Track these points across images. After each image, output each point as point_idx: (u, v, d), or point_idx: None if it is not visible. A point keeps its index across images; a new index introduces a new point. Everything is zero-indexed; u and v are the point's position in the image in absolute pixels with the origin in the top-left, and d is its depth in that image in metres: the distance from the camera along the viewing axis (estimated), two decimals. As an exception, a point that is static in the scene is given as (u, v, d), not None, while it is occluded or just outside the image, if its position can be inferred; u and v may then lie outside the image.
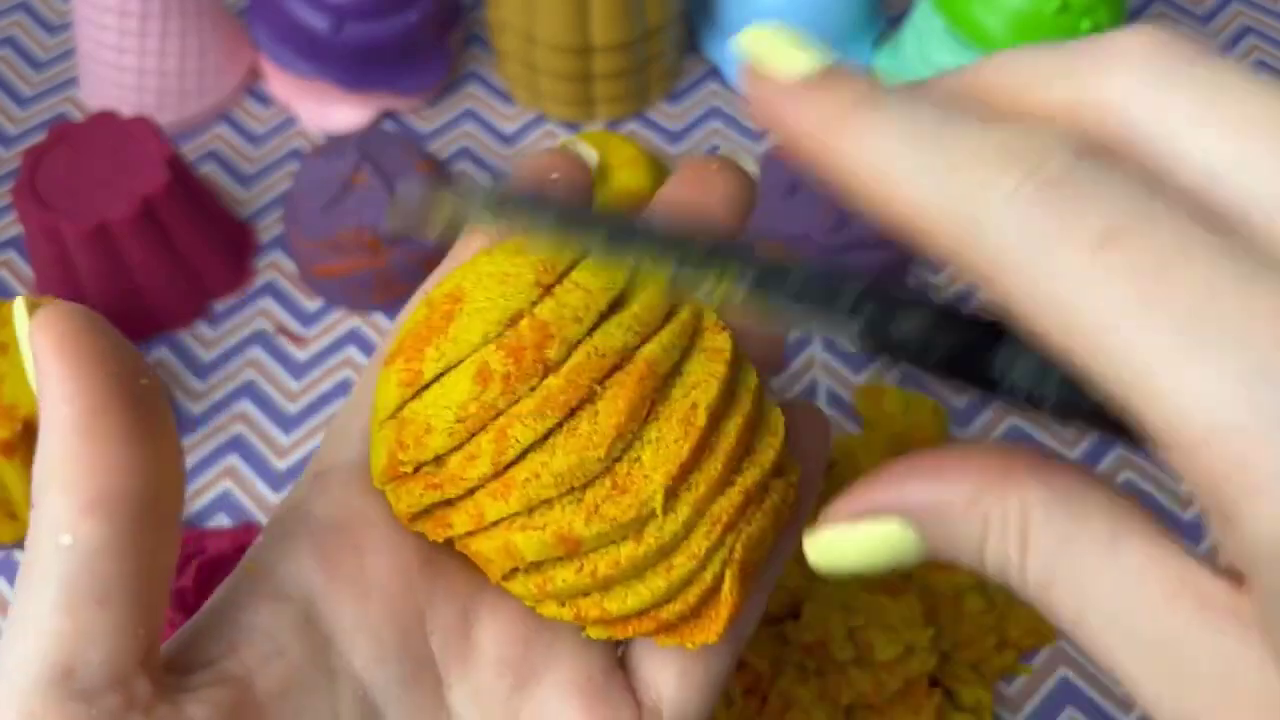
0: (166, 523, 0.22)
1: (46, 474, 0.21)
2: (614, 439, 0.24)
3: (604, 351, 0.24)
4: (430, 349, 0.24)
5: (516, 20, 0.56)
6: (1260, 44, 0.64)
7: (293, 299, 0.54)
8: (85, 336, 0.21)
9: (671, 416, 0.24)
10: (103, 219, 0.48)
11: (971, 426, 0.50)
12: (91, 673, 0.20)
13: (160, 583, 0.22)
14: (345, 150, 0.51)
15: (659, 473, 0.24)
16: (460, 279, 0.25)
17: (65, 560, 0.20)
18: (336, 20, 0.55)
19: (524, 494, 0.24)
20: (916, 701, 0.38)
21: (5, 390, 0.43)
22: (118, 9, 0.55)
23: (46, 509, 0.21)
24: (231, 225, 0.54)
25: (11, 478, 0.44)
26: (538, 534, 0.24)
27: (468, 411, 0.24)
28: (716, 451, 0.25)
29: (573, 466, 0.24)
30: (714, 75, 0.62)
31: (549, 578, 0.24)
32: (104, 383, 0.21)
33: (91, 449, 0.20)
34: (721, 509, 0.25)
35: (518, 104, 0.60)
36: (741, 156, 0.29)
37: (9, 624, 0.21)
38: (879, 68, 0.61)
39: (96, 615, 0.20)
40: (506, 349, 0.24)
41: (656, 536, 0.24)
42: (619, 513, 0.24)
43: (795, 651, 0.39)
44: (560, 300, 0.25)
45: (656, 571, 0.24)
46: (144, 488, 0.21)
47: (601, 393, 0.24)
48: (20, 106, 0.61)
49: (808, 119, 0.18)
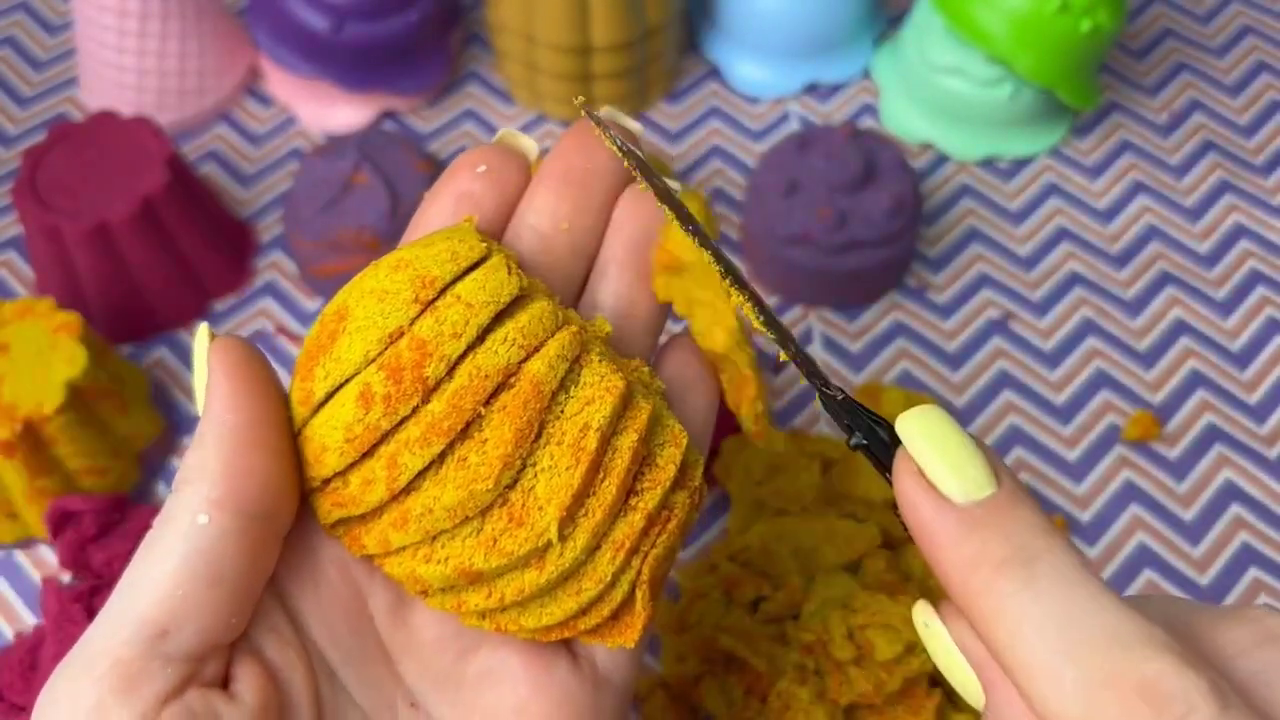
0: (278, 536, 0.25)
1: (195, 468, 0.24)
2: (501, 469, 0.24)
3: (487, 371, 0.24)
4: (319, 368, 0.25)
5: (516, 20, 0.56)
6: (1260, 44, 0.64)
7: (293, 299, 0.54)
8: (255, 365, 0.25)
9: (564, 440, 0.24)
10: (103, 219, 0.48)
11: (971, 426, 0.50)
12: (183, 640, 0.23)
13: (260, 584, 0.24)
14: (345, 150, 0.51)
15: (552, 504, 0.24)
16: (346, 296, 0.25)
17: (193, 538, 0.23)
18: (336, 20, 0.55)
19: (420, 526, 0.24)
20: (916, 702, 0.38)
21: (5, 390, 0.43)
22: (118, 9, 0.55)
23: (188, 495, 0.23)
24: (231, 225, 0.54)
25: (11, 478, 0.44)
26: (440, 567, 0.24)
27: (354, 433, 0.24)
28: (611, 473, 0.25)
29: (463, 500, 0.24)
30: (714, 75, 0.62)
31: (461, 600, 0.25)
32: (263, 404, 0.24)
33: (241, 454, 0.24)
34: (623, 534, 0.25)
35: (518, 104, 0.60)
36: (623, 117, 0.29)
37: (123, 580, 0.23)
38: (879, 68, 0.61)
39: (206, 592, 0.23)
40: (387, 369, 0.24)
41: (557, 564, 0.24)
42: (515, 546, 0.24)
43: (795, 651, 0.39)
44: (440, 316, 0.24)
45: (566, 592, 0.25)
46: (272, 499, 0.24)
47: (487, 416, 0.24)
48: (20, 106, 0.61)
49: (956, 557, 0.21)
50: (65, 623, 0.40)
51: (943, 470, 0.21)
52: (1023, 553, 0.20)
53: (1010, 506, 0.21)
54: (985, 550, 0.20)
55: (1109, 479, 0.49)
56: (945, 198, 0.57)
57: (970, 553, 0.20)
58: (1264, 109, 0.61)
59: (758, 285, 0.54)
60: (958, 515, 0.21)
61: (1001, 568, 0.20)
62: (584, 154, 0.28)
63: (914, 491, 0.21)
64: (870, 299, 0.54)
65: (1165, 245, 0.56)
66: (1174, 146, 0.59)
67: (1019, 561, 0.20)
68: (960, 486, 0.21)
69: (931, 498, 0.21)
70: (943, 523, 0.21)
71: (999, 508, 0.21)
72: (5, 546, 0.47)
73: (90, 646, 0.22)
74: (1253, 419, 0.50)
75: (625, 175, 0.28)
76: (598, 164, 0.28)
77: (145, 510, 0.45)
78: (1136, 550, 0.47)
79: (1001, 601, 0.20)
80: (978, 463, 0.21)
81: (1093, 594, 0.20)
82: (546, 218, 0.27)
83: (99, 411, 0.45)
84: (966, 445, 0.22)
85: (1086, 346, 0.52)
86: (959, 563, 0.21)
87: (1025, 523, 0.21)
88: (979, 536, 0.20)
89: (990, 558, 0.20)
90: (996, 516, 0.21)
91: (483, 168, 0.28)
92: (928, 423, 0.22)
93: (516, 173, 0.28)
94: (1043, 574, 0.20)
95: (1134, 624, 0.19)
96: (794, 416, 0.50)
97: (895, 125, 0.59)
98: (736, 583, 0.42)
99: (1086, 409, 0.50)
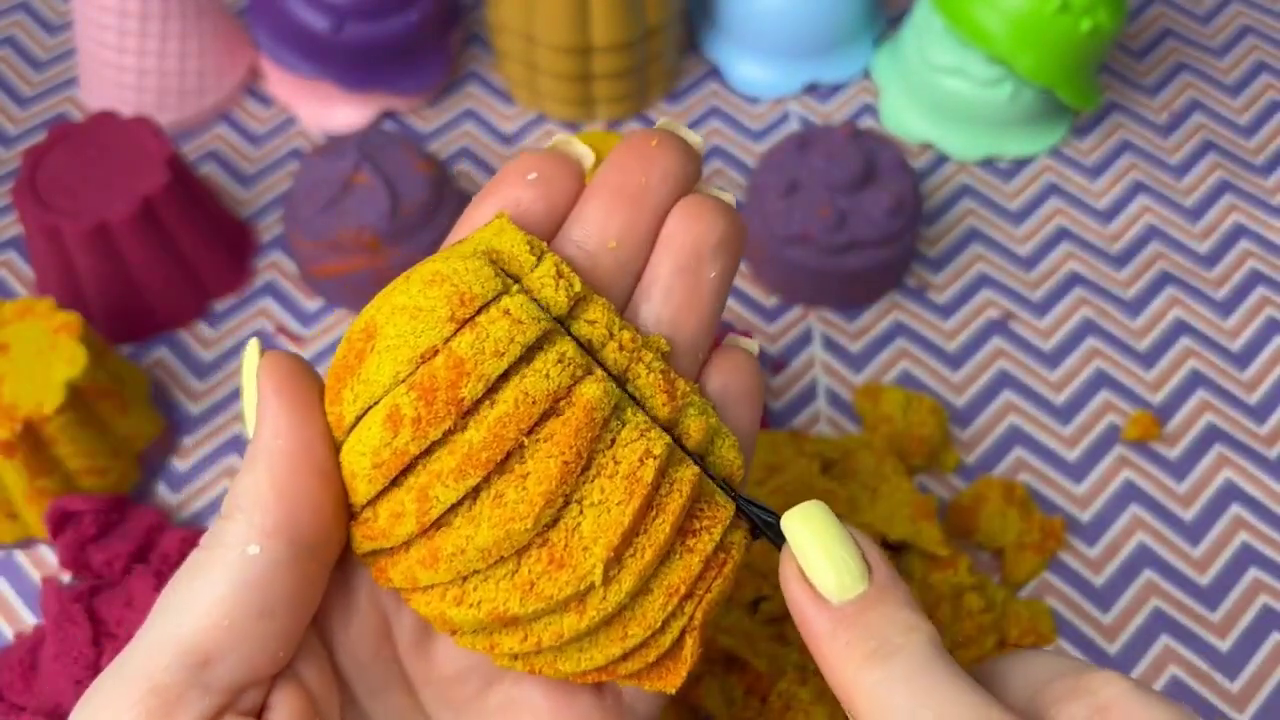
0: (328, 566, 0.24)
1: (246, 493, 0.23)
2: (542, 508, 0.22)
3: (535, 396, 0.22)
4: (346, 390, 0.23)
5: (516, 20, 0.56)
6: (1260, 44, 0.64)
7: (293, 299, 0.54)
8: (305, 385, 0.24)
9: (617, 471, 0.22)
10: (103, 219, 0.48)
11: (971, 426, 0.50)
12: (225, 671, 0.22)
13: (308, 615, 0.24)
14: (345, 150, 0.51)
15: (599, 545, 0.22)
16: (374, 312, 0.24)
17: (244, 568, 0.22)
18: (336, 20, 0.55)
19: (451, 566, 0.22)
20: (916, 701, 0.38)
21: (5, 390, 0.43)
22: (118, 9, 0.55)
23: (240, 522, 0.23)
24: (231, 225, 0.54)
25: (11, 478, 0.44)
26: (472, 611, 0.23)
27: (381, 458, 0.22)
28: (665, 510, 0.23)
29: (498, 540, 0.22)
30: (714, 75, 0.62)
31: (494, 642, 0.24)
32: (313, 427, 0.24)
33: (294, 481, 0.23)
34: (679, 579, 0.23)
35: (518, 104, 0.60)
36: (683, 128, 0.27)
37: (165, 601, 0.23)
38: (879, 68, 0.61)
39: (254, 624, 0.22)
40: (418, 389, 0.22)
41: (599, 608, 0.23)
42: (555, 590, 0.22)
43: (795, 651, 0.39)
44: (482, 331, 0.22)
45: (610, 637, 0.23)
46: (325, 529, 0.23)
47: (531, 447, 0.22)
48: (20, 106, 0.61)
49: (829, 652, 0.22)
50: (65, 623, 0.40)
51: (821, 568, 0.23)
52: (885, 647, 0.22)
53: (877, 603, 0.23)
54: (852, 647, 0.22)
55: (1109, 479, 0.49)
56: (945, 198, 0.57)
57: (840, 648, 0.22)
58: (1264, 109, 0.61)
59: (758, 285, 0.54)
60: (830, 614, 0.23)
61: (867, 661, 0.22)
62: (641, 165, 0.26)
63: (796, 590, 0.23)
64: (870, 299, 0.54)
65: (1165, 245, 0.56)
66: (1174, 146, 0.59)
67: (880, 656, 0.22)
68: (836, 584, 0.23)
69: (810, 597, 0.23)
70: (819, 621, 0.23)
71: (868, 605, 0.23)
72: (5, 546, 0.47)
73: (128, 669, 0.22)
74: (1253, 419, 0.50)
75: (682, 186, 0.26)
76: (654, 177, 0.26)
77: (145, 510, 0.45)
78: (1136, 550, 0.47)
79: (869, 692, 0.22)
80: (852, 562, 0.23)
81: (943, 680, 0.21)
82: (595, 234, 0.25)
83: (99, 411, 0.45)
84: (843, 543, 0.23)
85: (1086, 346, 0.52)
86: (832, 657, 0.22)
87: (889, 619, 0.22)
88: (848, 635, 0.22)
89: (858, 653, 0.22)
90: (865, 614, 0.22)
91: (533, 175, 0.26)
92: (808, 521, 0.23)
93: (569, 181, 0.26)
94: (900, 665, 0.22)
95: (975, 704, 0.21)
96: (794, 416, 0.50)
97: (895, 125, 0.59)
98: (736, 583, 0.42)
99: (1086, 409, 0.50)
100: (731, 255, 0.26)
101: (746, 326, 0.53)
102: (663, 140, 0.26)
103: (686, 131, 0.27)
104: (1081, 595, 0.46)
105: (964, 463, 0.49)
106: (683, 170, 0.26)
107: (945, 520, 0.47)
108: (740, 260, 0.27)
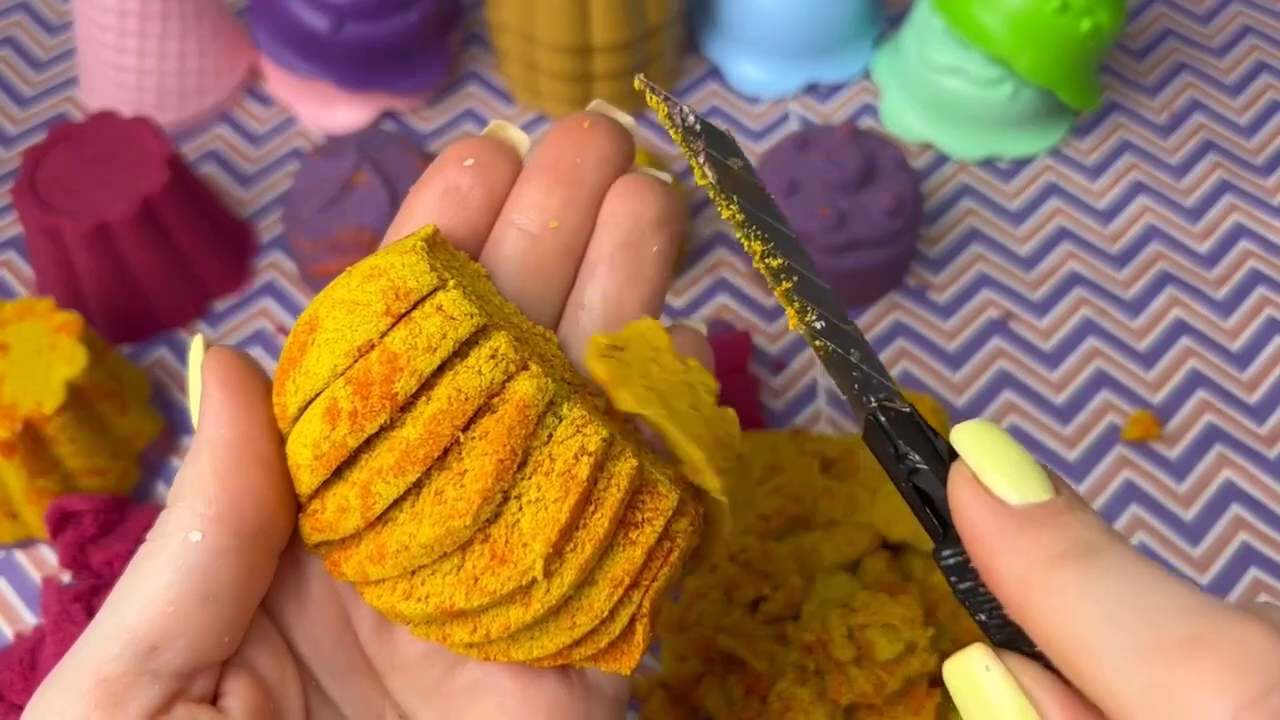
0: (273, 553, 0.24)
1: (189, 482, 0.23)
2: (480, 505, 0.22)
3: (468, 393, 0.22)
4: (289, 382, 0.23)
5: (516, 20, 0.56)
6: (1260, 44, 0.64)
7: (293, 299, 0.54)
8: (248, 378, 0.24)
9: (552, 469, 0.22)
10: (103, 219, 0.48)
11: (971, 426, 0.50)
12: (172, 657, 0.22)
13: (253, 602, 0.24)
14: (345, 150, 0.51)
15: (538, 541, 0.22)
16: (317, 306, 0.24)
17: (188, 555, 0.23)
18: (336, 20, 0.55)
19: (397, 562, 0.23)
20: (916, 701, 0.38)
21: (5, 390, 0.43)
22: (118, 9, 0.55)
23: (182, 510, 0.23)
24: (231, 225, 0.54)
25: (11, 478, 0.44)
26: (420, 605, 0.23)
27: (321, 450, 0.23)
28: (604, 505, 0.23)
29: (440, 537, 0.22)
30: (714, 75, 0.62)
31: (446, 633, 0.24)
32: (256, 418, 0.24)
33: (236, 470, 0.23)
34: (623, 570, 0.23)
35: (518, 104, 0.60)
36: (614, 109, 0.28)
37: (114, 594, 0.23)
38: (879, 68, 0.61)
39: (198, 610, 0.23)
40: (355, 384, 0.22)
41: (543, 601, 0.23)
42: (499, 585, 0.23)
43: (795, 651, 0.39)
44: (415, 327, 0.22)
45: (559, 626, 0.24)
46: (267, 517, 0.24)
47: (466, 443, 0.22)
48: (20, 106, 0.61)
49: (1012, 554, 0.19)
50: (65, 623, 0.40)
51: (1000, 477, 0.20)
52: (1083, 546, 0.19)
53: (1069, 510, 0.20)
54: (1042, 545, 0.19)
55: (1109, 479, 0.49)
56: (945, 198, 0.57)
57: (1026, 547, 0.19)
58: (1264, 109, 0.61)
59: (758, 286, 0.54)
60: (1014, 515, 0.20)
61: (1060, 560, 0.19)
62: (575, 146, 0.26)
63: (969, 495, 0.20)
64: (870, 299, 0.53)
65: (1165, 245, 0.56)
66: (1174, 146, 0.59)
67: (1078, 554, 0.19)
68: (1018, 491, 0.20)
69: (987, 499, 0.20)
70: (1000, 521, 0.20)
71: (1057, 510, 0.20)
72: (5, 546, 0.47)
73: (78, 661, 0.22)
74: (1253, 419, 0.50)
75: (617, 166, 0.27)
76: (589, 156, 0.26)
77: (145, 510, 0.45)
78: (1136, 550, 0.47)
79: (1062, 588, 0.19)
80: (1035, 471, 0.21)
81: (1162, 577, 0.19)
82: (535, 216, 0.26)
83: (99, 411, 0.45)
84: (1024, 456, 0.21)
85: (1086, 346, 0.52)
86: (1014, 560, 0.19)
87: (1085, 523, 0.20)
88: (1035, 533, 0.20)
89: (1048, 551, 0.19)
90: (1055, 517, 0.20)
91: (470, 161, 0.26)
92: (984, 434, 0.21)
93: (506, 167, 0.27)
94: (1105, 561, 0.19)
95: (1211, 600, 0.18)
96: (794, 416, 0.50)
97: (895, 125, 0.59)
98: (736, 583, 0.42)
99: (1086, 409, 0.50)
100: (671, 230, 0.27)
101: (747, 326, 0.53)
102: (595, 122, 0.27)
103: (618, 113, 0.28)
104: (1081, 595, 0.46)
105: (964, 463, 0.49)
106: (617, 150, 0.27)
107: (945, 520, 0.47)
108: (679, 238, 0.27)
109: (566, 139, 0.27)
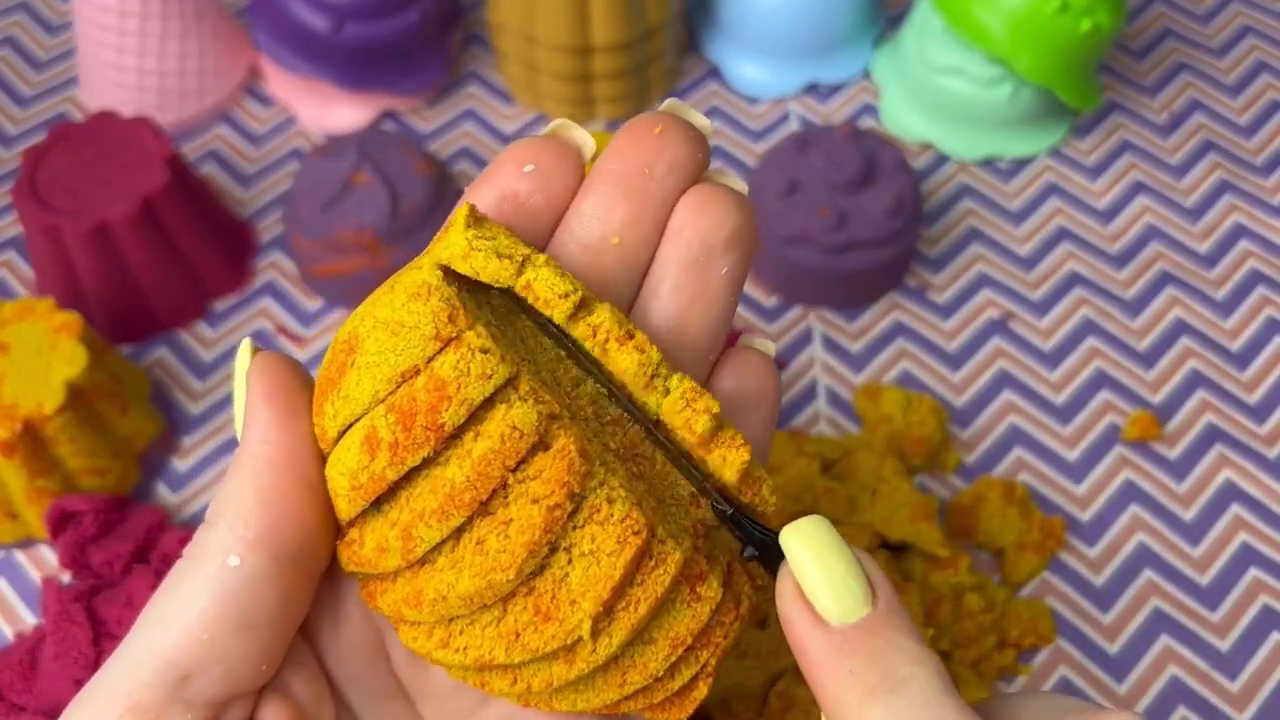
0: (313, 578, 0.23)
1: (229, 500, 0.22)
2: (525, 558, 0.20)
3: (523, 429, 0.20)
4: (328, 405, 0.22)
5: (516, 20, 0.56)
6: (1260, 44, 0.64)
7: (293, 299, 0.54)
8: (295, 390, 0.23)
9: (611, 516, 0.20)
10: (103, 219, 0.48)
11: (970, 426, 0.50)
12: (205, 686, 0.22)
13: (292, 629, 0.23)
14: (345, 150, 0.51)
15: (587, 599, 0.20)
16: (358, 323, 0.22)
17: (225, 580, 0.22)
18: (336, 20, 0.55)
19: (435, 610, 0.21)
20: (916, 701, 0.38)
21: (5, 390, 0.43)
22: (118, 9, 0.55)
23: (221, 531, 0.22)
24: (231, 225, 0.54)
25: (11, 478, 0.44)
26: (458, 655, 0.22)
27: (359, 481, 0.21)
28: (666, 561, 0.21)
29: (480, 590, 0.21)
30: (714, 75, 0.62)
31: (485, 680, 0.23)
32: (301, 435, 0.23)
33: (276, 489, 0.22)
34: (685, 629, 0.22)
35: (518, 104, 0.60)
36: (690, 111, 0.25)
37: (147, 614, 0.22)
38: (879, 68, 0.61)
39: (234, 637, 0.22)
40: (397, 412, 0.20)
41: (589, 660, 0.21)
42: (541, 644, 0.21)
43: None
44: (468, 351, 0.20)
45: (608, 683, 0.22)
46: (309, 540, 0.22)
47: (516, 486, 0.20)
48: (20, 106, 0.61)
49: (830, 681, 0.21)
50: (65, 623, 0.40)
51: (822, 589, 0.21)
52: (892, 681, 0.20)
53: (882, 629, 0.21)
54: (856, 677, 0.21)
55: (1109, 479, 0.49)
56: (945, 198, 0.57)
57: (843, 676, 0.21)
58: (1264, 109, 0.61)
59: (758, 286, 0.54)
60: (830, 638, 0.21)
61: (872, 693, 0.20)
62: (643, 153, 0.24)
63: (792, 610, 0.22)
64: (870, 299, 0.54)
65: (1165, 245, 0.56)
66: (1174, 146, 0.59)
67: (887, 689, 0.20)
68: (837, 606, 0.21)
69: (809, 618, 0.21)
70: (818, 644, 0.21)
71: (872, 631, 0.21)
72: (5, 546, 0.47)
73: (108, 684, 0.22)
74: (1253, 419, 0.50)
75: (689, 174, 0.24)
76: (659, 165, 0.24)
77: (145, 510, 0.45)
78: (1136, 550, 0.47)
79: None
80: (855, 582, 0.21)
81: (960, 712, 0.20)
82: (596, 228, 0.24)
83: (99, 411, 0.45)
84: (846, 562, 0.22)
85: (1086, 346, 0.52)
86: (831, 684, 0.21)
87: (895, 647, 0.21)
88: (850, 663, 0.21)
89: (863, 683, 0.21)
90: (868, 641, 0.21)
91: (529, 167, 0.24)
92: (811, 537, 0.22)
93: (569, 174, 0.24)
94: (911, 696, 0.20)
95: None
96: (794, 416, 0.50)
97: (895, 125, 0.59)
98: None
99: (1086, 409, 0.50)
100: (744, 250, 0.24)
101: (746, 326, 0.53)
102: (668, 126, 0.24)
103: (694, 114, 0.25)
104: (1081, 595, 0.46)
105: (964, 463, 0.49)
106: (690, 158, 0.24)
107: (945, 520, 0.47)
108: (753, 256, 0.25)
109: (635, 145, 0.24)
